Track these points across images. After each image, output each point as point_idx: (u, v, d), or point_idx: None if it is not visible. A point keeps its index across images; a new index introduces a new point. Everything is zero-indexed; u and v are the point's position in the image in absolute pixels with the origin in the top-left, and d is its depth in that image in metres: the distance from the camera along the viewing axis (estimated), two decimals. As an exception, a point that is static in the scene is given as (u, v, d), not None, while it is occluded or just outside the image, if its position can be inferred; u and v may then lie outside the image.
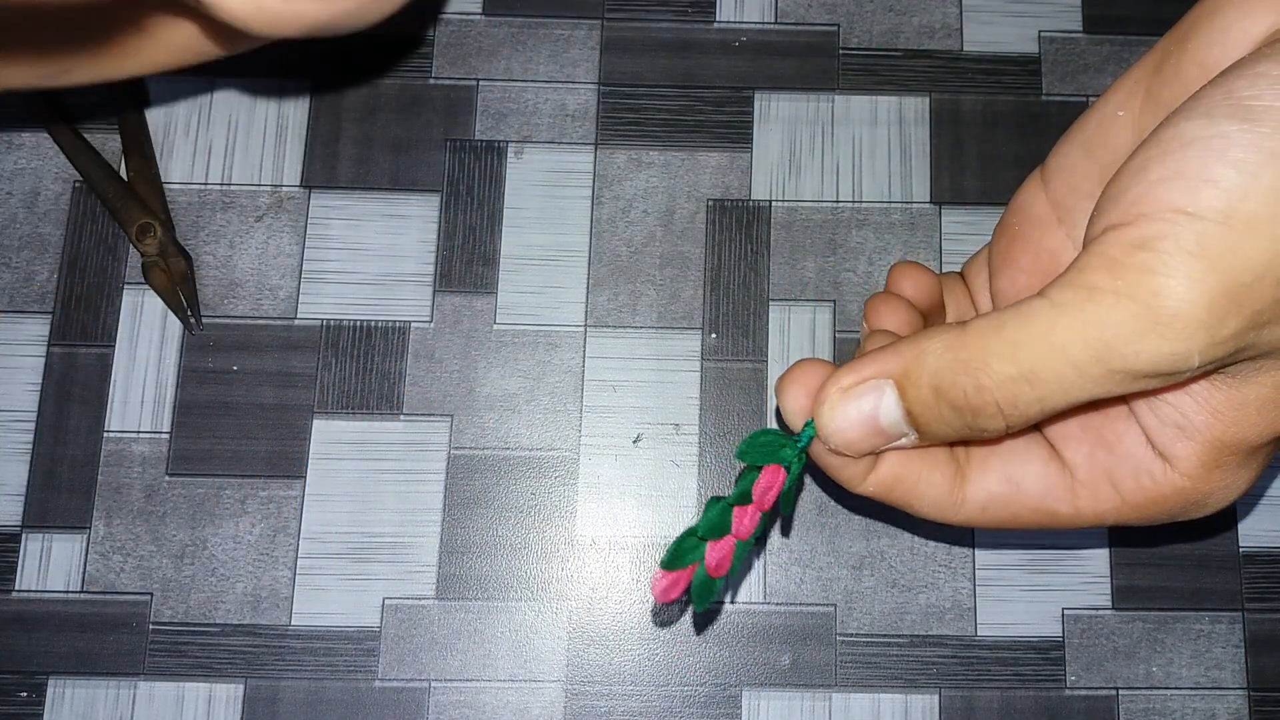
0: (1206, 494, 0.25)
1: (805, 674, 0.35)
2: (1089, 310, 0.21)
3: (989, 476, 0.27)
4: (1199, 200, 0.21)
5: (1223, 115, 0.21)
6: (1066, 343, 0.22)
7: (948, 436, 0.25)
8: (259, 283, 0.37)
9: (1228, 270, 0.21)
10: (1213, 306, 0.21)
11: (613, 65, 0.39)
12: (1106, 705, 0.35)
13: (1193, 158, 0.21)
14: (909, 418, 0.24)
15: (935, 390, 0.24)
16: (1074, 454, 0.26)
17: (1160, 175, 0.22)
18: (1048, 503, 0.26)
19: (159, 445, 0.36)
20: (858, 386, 0.25)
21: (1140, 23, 0.40)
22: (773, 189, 0.38)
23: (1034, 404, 0.23)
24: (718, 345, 0.37)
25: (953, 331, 0.24)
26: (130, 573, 0.35)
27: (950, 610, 0.35)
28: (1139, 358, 0.21)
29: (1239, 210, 0.21)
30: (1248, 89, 0.21)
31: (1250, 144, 0.21)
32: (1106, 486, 0.26)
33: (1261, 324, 0.21)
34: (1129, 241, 0.21)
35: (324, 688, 0.34)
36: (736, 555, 0.26)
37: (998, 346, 0.23)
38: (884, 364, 0.24)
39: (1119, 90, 0.26)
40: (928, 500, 0.27)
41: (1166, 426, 0.24)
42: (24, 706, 0.34)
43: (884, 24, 0.40)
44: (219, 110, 0.38)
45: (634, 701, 0.34)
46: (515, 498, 0.36)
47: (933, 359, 0.24)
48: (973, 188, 0.38)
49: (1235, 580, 0.36)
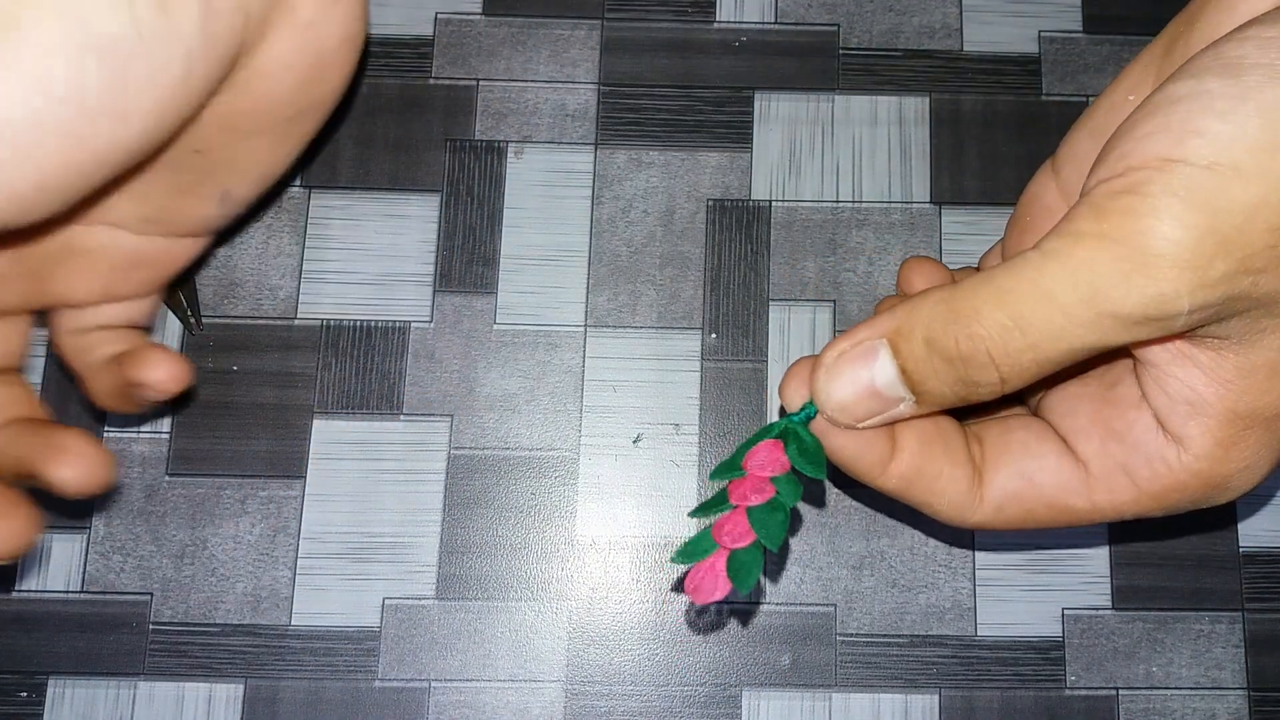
0: (1226, 476, 0.24)
1: (805, 674, 0.35)
2: (1077, 254, 0.21)
3: (1003, 474, 0.26)
4: (1185, 149, 0.21)
5: (1210, 74, 0.22)
6: (1055, 288, 0.22)
7: (944, 395, 0.24)
8: (259, 283, 0.37)
9: (1213, 212, 0.21)
10: (1198, 247, 0.21)
11: (613, 65, 0.39)
12: (1107, 705, 0.35)
13: (1180, 112, 0.21)
14: (903, 376, 0.24)
15: (928, 342, 0.23)
16: (1086, 447, 0.26)
17: (1148, 130, 0.22)
18: (1064, 498, 0.26)
19: (159, 445, 0.36)
20: (853, 350, 0.24)
21: (1140, 22, 0.40)
22: (773, 189, 0.38)
23: (1026, 352, 0.22)
24: (718, 345, 0.37)
25: (946, 288, 0.24)
26: (130, 573, 0.35)
27: (950, 610, 0.35)
28: (1127, 300, 0.21)
29: (1225, 158, 0.21)
30: (1235, 50, 0.22)
31: (1236, 95, 0.21)
32: (1122, 478, 0.25)
33: (1255, 270, 0.21)
34: (1115, 189, 0.22)
35: (324, 688, 0.34)
36: (757, 520, 0.25)
37: (988, 294, 0.23)
38: (877, 325, 0.24)
39: (1129, 76, 0.26)
40: (947, 498, 0.26)
41: (1178, 404, 0.24)
42: (24, 706, 0.34)
43: (884, 24, 0.40)
44: (219, 110, 0.38)
45: (634, 701, 0.34)
46: (515, 498, 0.36)
47: (925, 312, 0.23)
48: (973, 188, 0.38)
49: (1235, 580, 0.36)
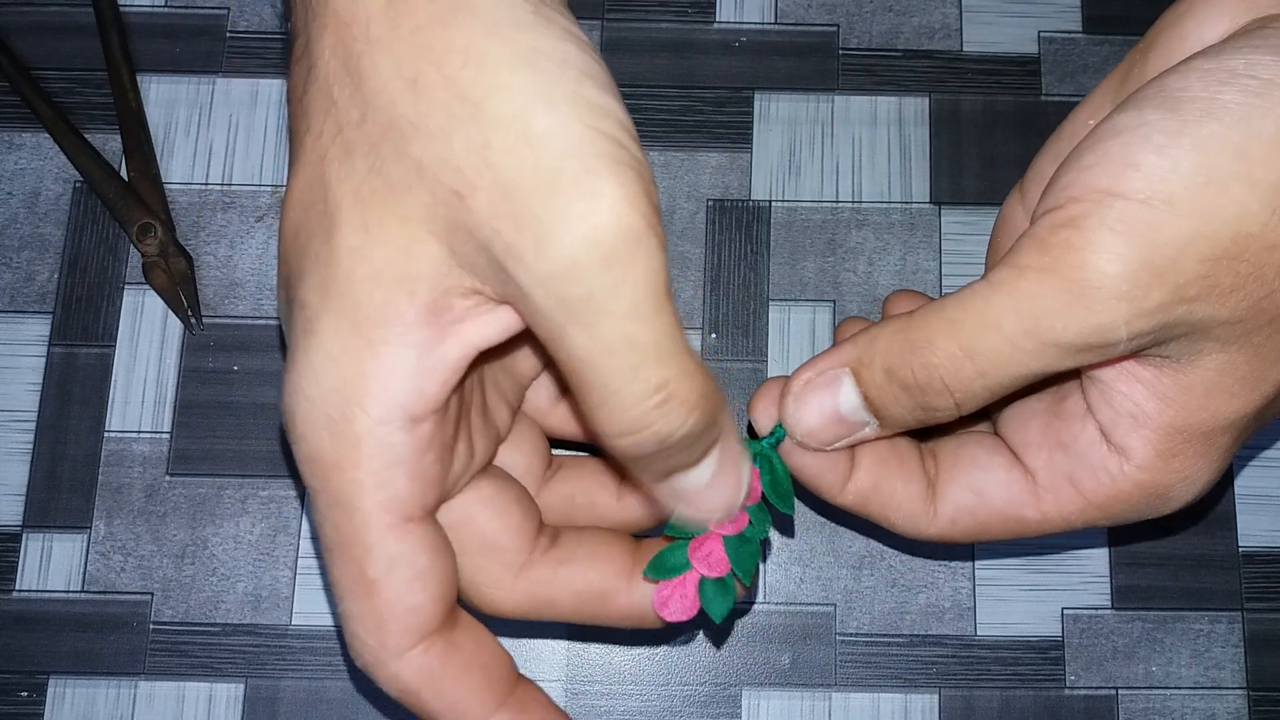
0: (1167, 486, 0.25)
1: (805, 673, 0.35)
2: (1020, 286, 0.23)
3: (954, 487, 0.27)
4: (1122, 183, 0.22)
5: (1150, 106, 0.22)
6: (1000, 318, 0.23)
7: (904, 420, 0.26)
8: (259, 283, 0.37)
9: (1149, 245, 0.22)
10: (1134, 279, 0.22)
11: (613, 65, 0.39)
12: (1106, 705, 0.35)
13: (1119, 145, 0.22)
14: (866, 403, 0.25)
15: (887, 372, 0.25)
16: (1034, 459, 0.27)
17: (1089, 162, 0.23)
18: (1014, 509, 0.27)
19: (160, 445, 0.36)
20: (818, 378, 0.26)
21: (1139, 23, 0.40)
22: (772, 189, 0.38)
23: (977, 379, 0.24)
24: (718, 345, 0.37)
25: (902, 318, 0.25)
26: (131, 572, 0.35)
27: (950, 610, 0.35)
28: (1067, 330, 0.22)
29: (1160, 191, 0.22)
30: (1177, 82, 0.23)
31: (1173, 130, 0.22)
32: (1068, 488, 0.26)
33: (1188, 299, 0.22)
34: (1056, 222, 0.23)
35: (324, 687, 0.34)
36: (732, 551, 0.26)
37: (940, 325, 0.24)
38: (840, 355, 0.26)
39: (1091, 101, 0.27)
40: (903, 512, 0.27)
41: (1121, 417, 0.25)
42: (25, 706, 0.34)
43: (883, 24, 0.40)
44: (219, 111, 0.38)
45: (634, 701, 0.34)
46: (515, 497, 0.36)
47: (883, 343, 0.25)
48: (972, 188, 0.38)
49: (1235, 580, 0.36)
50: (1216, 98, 0.22)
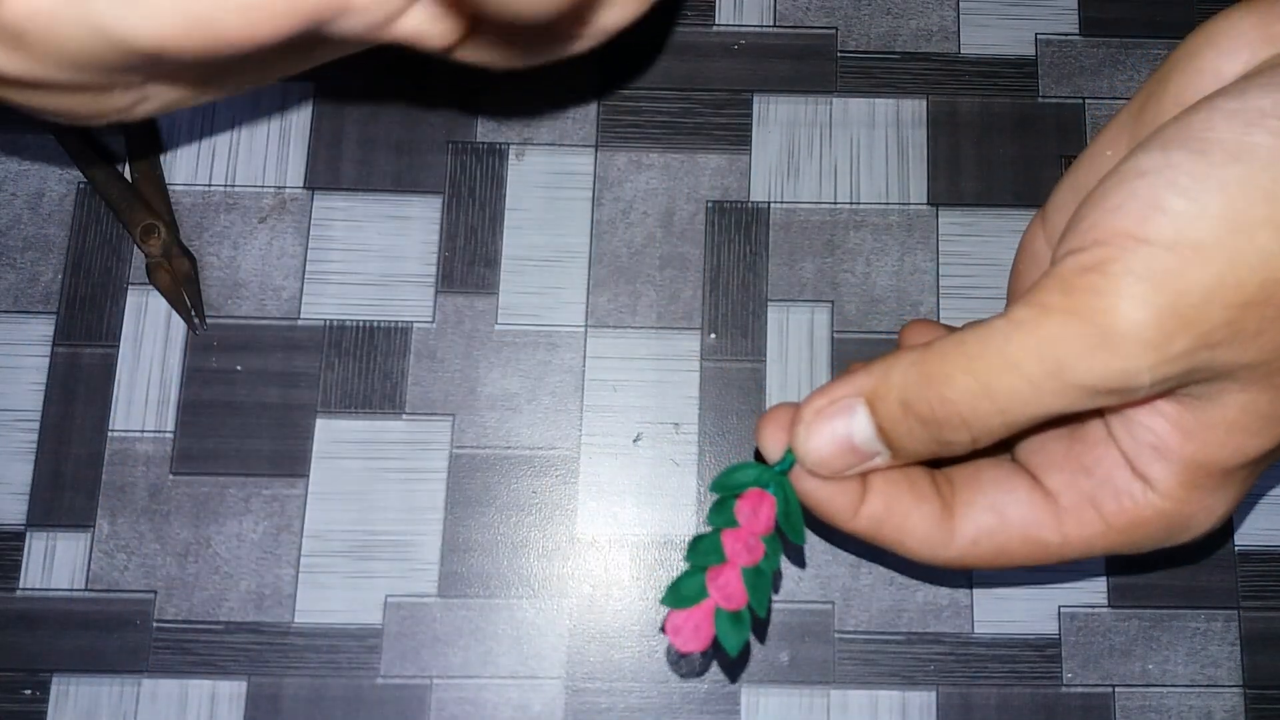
0: (1189, 516, 0.25)
1: (804, 671, 0.35)
2: (1043, 328, 0.22)
3: (975, 508, 0.27)
4: (1148, 227, 0.22)
5: (1176, 147, 0.22)
6: (1022, 358, 0.22)
7: (918, 452, 0.25)
8: (262, 283, 0.37)
9: (1174, 292, 0.21)
10: (1160, 326, 0.21)
11: (612, 67, 0.39)
12: (1103, 703, 0.35)
13: (1145, 187, 0.22)
14: (880, 434, 0.25)
15: (903, 405, 0.24)
16: (1056, 482, 0.27)
17: (1115, 203, 0.22)
18: (1035, 531, 0.27)
19: (163, 444, 0.36)
20: (831, 407, 0.25)
21: (1137, 25, 0.40)
22: (771, 190, 0.38)
23: (995, 416, 0.23)
24: (717, 345, 0.37)
25: (919, 350, 0.24)
26: (134, 571, 0.35)
27: (947, 608, 0.35)
28: (1090, 374, 0.22)
29: (1186, 236, 0.21)
30: (1203, 122, 0.22)
31: (1200, 174, 0.22)
32: (1090, 511, 0.26)
33: (1213, 344, 0.22)
34: (1082, 265, 0.22)
35: (326, 685, 0.34)
36: (749, 583, 0.26)
37: (959, 361, 0.23)
38: (855, 384, 0.25)
39: (1107, 132, 0.27)
40: (918, 536, 0.27)
41: (1143, 448, 0.25)
42: (28, 704, 0.34)
43: (881, 27, 0.40)
44: (223, 112, 0.39)
45: (634, 698, 0.35)
46: (516, 496, 0.36)
47: (899, 375, 0.24)
48: (970, 189, 0.39)
49: (1231, 578, 0.36)
50: (1244, 140, 0.21)
